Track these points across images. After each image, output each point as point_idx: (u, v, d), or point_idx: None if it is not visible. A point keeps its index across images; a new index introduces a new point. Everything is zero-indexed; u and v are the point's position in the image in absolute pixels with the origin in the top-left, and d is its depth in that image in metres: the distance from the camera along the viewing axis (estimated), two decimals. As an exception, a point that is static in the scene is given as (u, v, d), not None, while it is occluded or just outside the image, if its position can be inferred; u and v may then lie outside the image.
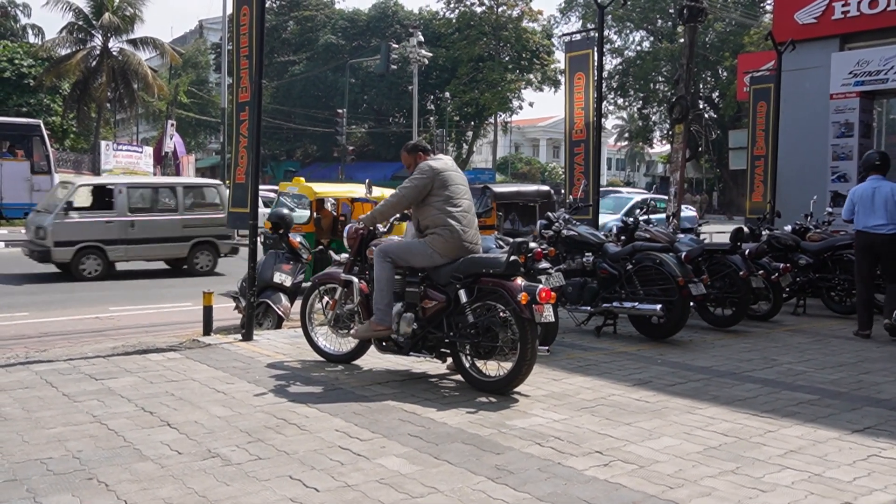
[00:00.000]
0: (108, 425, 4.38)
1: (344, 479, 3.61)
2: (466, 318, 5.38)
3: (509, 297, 5.20)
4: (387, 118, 58.44)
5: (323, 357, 6.24)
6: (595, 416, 4.77)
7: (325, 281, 6.32)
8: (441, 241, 5.48)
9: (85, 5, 38.59)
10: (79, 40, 39.45)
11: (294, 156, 61.75)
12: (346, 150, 33.95)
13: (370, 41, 54.51)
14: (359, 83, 54.45)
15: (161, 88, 41.14)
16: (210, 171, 61.02)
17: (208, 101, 55.79)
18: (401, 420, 4.59)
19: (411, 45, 30.69)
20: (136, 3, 38.84)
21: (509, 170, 64.92)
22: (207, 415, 4.64)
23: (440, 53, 51.27)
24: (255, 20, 7.15)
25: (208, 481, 3.57)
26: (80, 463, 3.77)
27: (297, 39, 57.77)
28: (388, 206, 5.78)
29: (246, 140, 7.21)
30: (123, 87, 39.11)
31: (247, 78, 7.23)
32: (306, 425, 4.45)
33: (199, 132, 61.05)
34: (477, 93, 53.57)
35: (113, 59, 38.74)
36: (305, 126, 54.73)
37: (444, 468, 3.80)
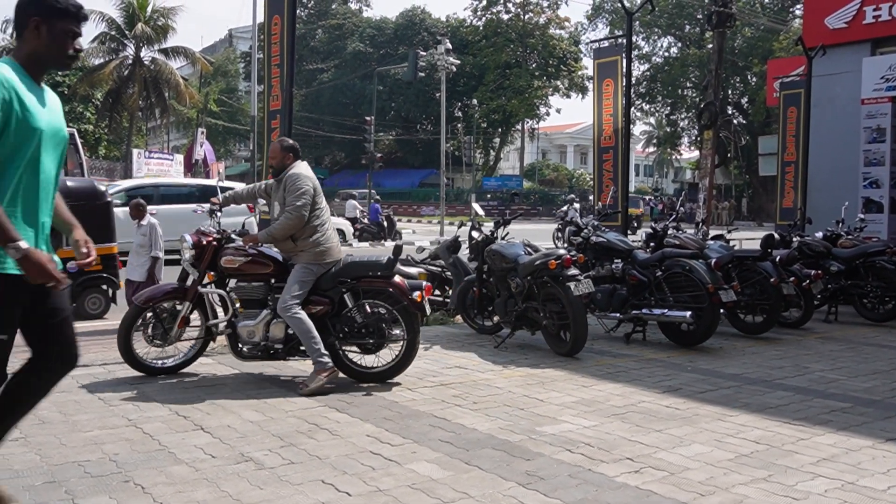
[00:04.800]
0: (143, 429, 4.46)
1: (375, 484, 3.65)
2: (354, 318, 5.73)
3: (399, 295, 5.69)
4: (414, 125, 58.66)
5: (147, 372, 5.76)
6: (625, 422, 4.77)
7: (158, 300, 5.76)
8: (320, 253, 5.62)
9: (118, 16, 39.23)
10: (112, 50, 40.10)
11: (322, 163, 62.15)
12: (374, 158, 34.08)
13: (398, 49, 54.76)
14: (386, 90, 54.73)
15: (192, 97, 41.67)
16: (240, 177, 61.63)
17: (238, 109, 56.37)
18: (431, 426, 4.62)
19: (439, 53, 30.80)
20: (167, 14, 39.42)
21: (536, 176, 64.88)
22: (240, 419, 4.70)
23: (467, 60, 51.42)
24: (286, 29, 7.26)
25: (242, 485, 3.62)
26: (117, 466, 3.85)
27: (325, 48, 58.22)
28: (289, 224, 5.54)
29: (277, 148, 7.29)
30: (155, 95, 39.69)
31: (278, 86, 7.33)
32: (337, 430, 4.49)
33: (229, 140, 61.70)
34: (504, 99, 53.66)
35: (145, 69, 39.33)
36: (333, 133, 55.09)
37: (474, 474, 3.82)
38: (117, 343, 5.64)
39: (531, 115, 57.27)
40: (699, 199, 15.81)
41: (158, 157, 36.17)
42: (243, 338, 5.63)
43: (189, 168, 35.69)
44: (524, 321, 7.21)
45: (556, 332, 6.97)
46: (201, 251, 5.72)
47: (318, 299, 5.64)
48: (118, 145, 45.38)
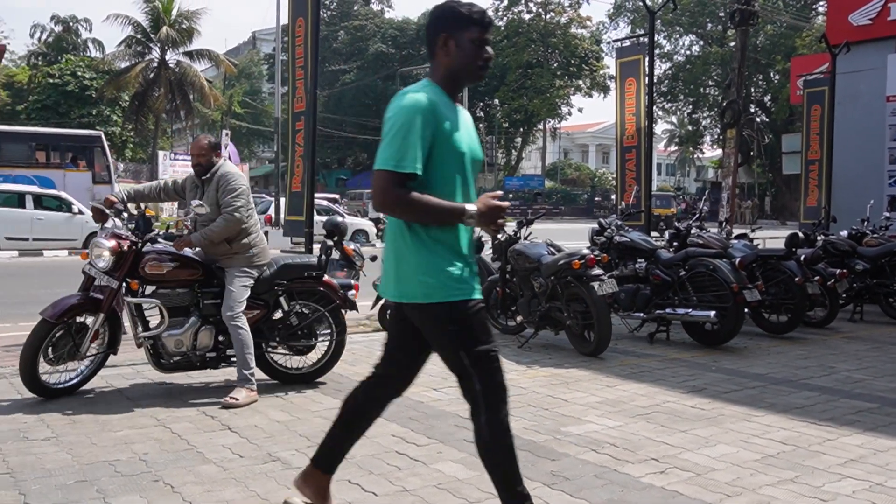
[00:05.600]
0: (171, 429, 4.52)
1: (402, 484, 3.68)
2: (289, 321, 5.67)
3: (331, 294, 5.72)
4: (436, 125, 58.63)
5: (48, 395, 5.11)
6: (650, 422, 4.77)
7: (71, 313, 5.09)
8: (255, 255, 5.43)
9: (143, 19, 39.65)
10: (137, 53, 40.52)
11: (345, 164, 62.39)
12: (396, 158, 34.18)
13: (420, 49, 54.81)
14: (408, 91, 54.77)
15: (216, 99, 42.00)
16: (264, 179, 62.09)
17: (261, 111, 56.72)
18: (456, 426, 4.64)
19: (460, 53, 30.75)
20: (192, 17, 39.76)
21: (559, 176, 64.73)
22: (267, 419, 4.75)
23: (488, 60, 51.31)
24: (310, 31, 7.31)
25: (269, 484, 3.66)
26: (147, 465, 3.91)
27: (347, 49, 58.41)
28: (229, 226, 5.27)
29: (301, 149, 7.37)
30: (180, 98, 40.05)
31: (302, 88, 7.39)
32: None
33: (253, 141, 62.08)
34: (525, 99, 53.58)
35: (170, 71, 39.69)
36: (356, 134, 55.26)
37: (499, 474, 3.83)
38: (21, 364, 4.93)
39: (553, 115, 57.14)
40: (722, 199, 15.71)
41: (184, 158, 36.44)
42: (169, 348, 5.20)
43: (213, 170, 35.94)
44: (548, 321, 7.22)
45: (579, 332, 6.97)
46: (119, 257, 5.13)
47: (253, 303, 5.41)
48: (144, 147, 45.84)
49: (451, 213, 2.75)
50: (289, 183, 7.60)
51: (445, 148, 2.78)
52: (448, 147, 2.78)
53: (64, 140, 24.17)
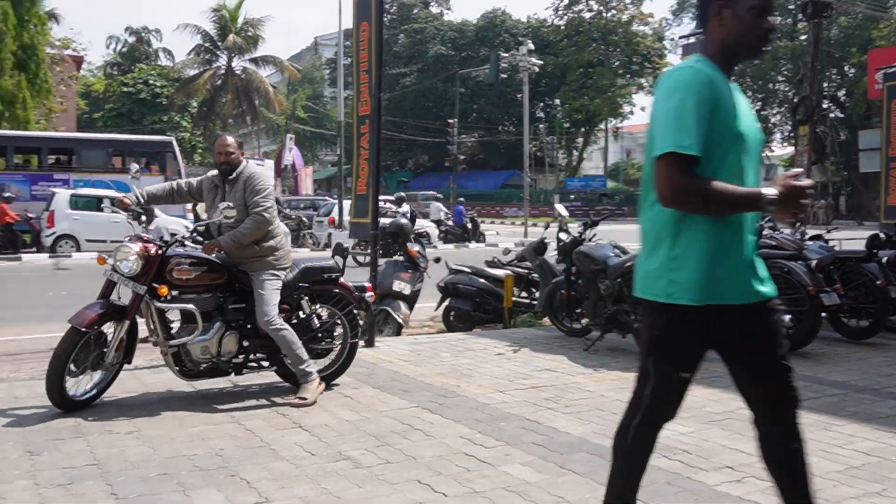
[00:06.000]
0: (245, 425, 4.60)
1: (471, 486, 3.66)
2: (310, 324, 5.57)
3: (348, 296, 5.67)
4: (496, 127, 58.68)
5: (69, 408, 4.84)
6: (724, 429, 4.65)
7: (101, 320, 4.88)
8: (280, 258, 5.32)
9: (211, 28, 40.65)
10: (205, 61, 41.55)
11: (406, 166, 62.79)
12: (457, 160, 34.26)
13: (479, 51, 54.89)
14: (468, 93, 54.91)
15: (280, 104, 42.79)
16: (326, 182, 62.90)
17: (324, 115, 57.49)
18: (524, 428, 4.61)
19: (521, 54, 30.71)
20: (257, 24, 40.56)
21: (621, 176, 64.02)
22: (336, 418, 4.79)
23: (549, 60, 51.12)
24: (373, 36, 7.35)
25: (341, 482, 3.69)
26: (223, 460, 3.98)
27: (407, 52, 58.79)
28: (258, 228, 5.16)
29: (366, 152, 7.41)
30: (246, 103, 40.92)
31: (367, 92, 7.43)
32: (431, 431, 4.53)
33: (315, 145, 62.96)
34: (587, 99, 53.14)
35: (236, 78, 40.59)
36: (416, 136, 55.59)
37: (569, 478, 3.79)
38: (50, 373, 4.70)
39: (615, 114, 56.56)
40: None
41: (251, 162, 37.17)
42: (195, 355, 5.04)
43: (278, 173, 36.57)
44: (614, 324, 7.12)
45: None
46: (147, 262, 4.92)
47: (280, 307, 5.27)
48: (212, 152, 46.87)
49: (748, 200, 2.43)
50: (354, 186, 7.66)
51: (724, 128, 2.45)
52: (727, 127, 2.46)
53: (138, 146, 24.84)
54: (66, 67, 36.91)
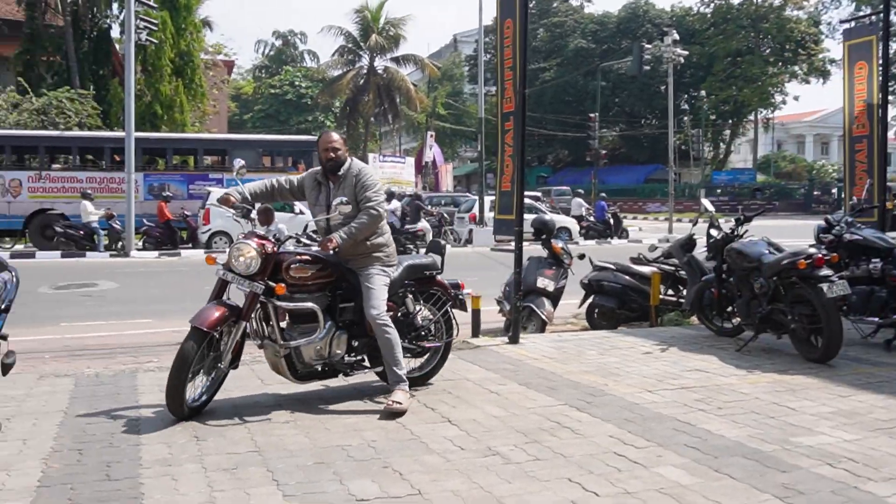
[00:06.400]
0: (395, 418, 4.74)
1: (623, 486, 3.63)
2: (414, 322, 5.47)
3: (447, 296, 5.58)
4: (638, 120, 57.41)
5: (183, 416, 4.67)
6: (893, 438, 4.39)
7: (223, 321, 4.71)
8: (389, 255, 5.22)
9: (354, 30, 41.87)
10: (349, 61, 42.87)
11: (545, 161, 62.46)
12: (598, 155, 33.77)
13: (620, 43, 53.88)
14: (609, 86, 54.00)
15: (421, 101, 43.52)
16: (466, 178, 63.48)
17: (463, 112, 58.02)
18: (675, 430, 4.51)
19: (665, 45, 29.92)
20: (398, 24, 41.43)
21: (771, 169, 61.15)
22: (484, 414, 4.86)
23: (694, 50, 49.53)
24: (518, 33, 7.37)
25: (491, 478, 3.74)
26: (376, 452, 4.12)
27: (546, 46, 58.46)
28: (373, 223, 5.06)
29: (511, 149, 7.45)
30: (388, 102, 41.92)
31: (511, 89, 7.46)
32: (580, 429, 4.52)
33: (455, 141, 63.65)
34: (735, 89, 51.09)
35: (378, 77, 41.65)
36: (556, 132, 55.19)
37: (725, 482, 3.69)
38: (173, 377, 4.54)
39: (765, 105, 54.09)
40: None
41: (392, 160, 38.04)
42: (308, 356, 4.92)
43: (419, 170, 37.24)
44: (769, 324, 6.84)
45: (805, 337, 6.54)
46: (264, 260, 4.80)
47: (389, 305, 5.16)
48: (354, 150, 48.27)
49: None
50: (498, 182, 7.72)
51: None
52: None
53: (286, 146, 25.92)
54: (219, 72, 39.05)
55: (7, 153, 22.13)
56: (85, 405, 5.11)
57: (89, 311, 10.79)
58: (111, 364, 6.83)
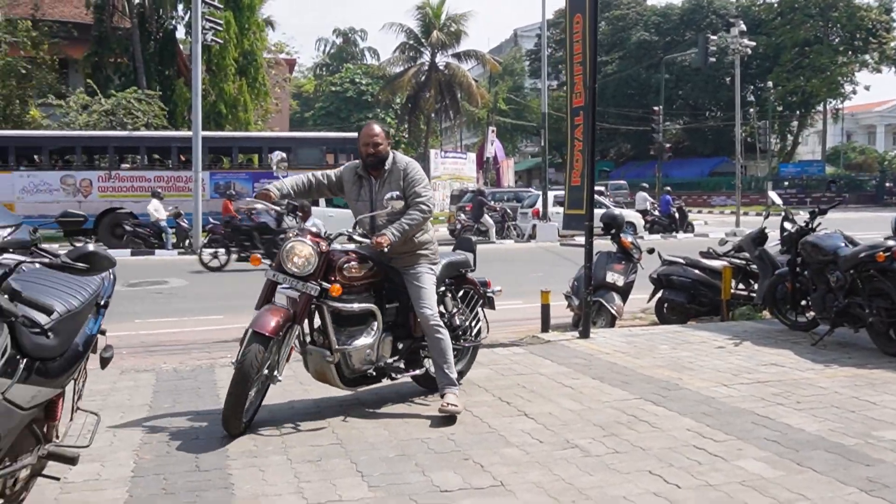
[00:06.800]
0: (472, 412, 4.80)
1: (704, 479, 3.63)
2: (453, 321, 5.29)
3: (478, 294, 5.49)
4: (702, 112, 56.42)
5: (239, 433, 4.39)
6: None
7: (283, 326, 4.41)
8: (434, 252, 5.03)
9: (415, 26, 42.07)
10: (410, 58, 43.09)
11: (607, 155, 61.86)
12: (662, 148, 33.33)
13: (684, 35, 53.02)
14: (673, 78, 53.19)
15: (483, 97, 43.51)
16: (527, 173, 63.30)
17: (524, 107, 57.85)
18: (754, 424, 4.48)
19: (731, 36, 29.33)
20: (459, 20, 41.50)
21: (841, 161, 59.49)
22: (559, 407, 4.88)
23: (760, 41, 48.40)
24: (588, 27, 7.35)
25: (571, 470, 3.77)
26: (455, 444, 4.19)
27: (608, 39, 57.84)
28: (423, 219, 4.84)
29: (580, 143, 7.44)
30: (449, 98, 42.04)
31: (581, 84, 7.45)
32: (657, 423, 4.51)
33: (516, 136, 63.51)
34: (803, 80, 49.84)
35: (439, 73, 41.80)
36: (618, 125, 54.61)
37: (808, 475, 3.66)
38: (234, 398, 4.25)
39: (834, 95, 52.59)
40: None
41: (453, 156, 38.16)
42: (359, 361, 4.67)
43: (480, 166, 37.27)
44: (846, 317, 6.70)
45: (884, 331, 6.40)
46: (319, 259, 4.55)
47: None
48: (416, 146, 48.60)
49: None
50: (567, 177, 7.72)
51: None
52: None
53: (348, 143, 26.21)
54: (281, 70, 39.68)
55: (78, 154, 22.88)
56: (168, 399, 5.30)
57: (161, 307, 11.11)
58: (186, 360, 7.03)
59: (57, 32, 29.90)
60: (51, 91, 28.85)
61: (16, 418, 2.55)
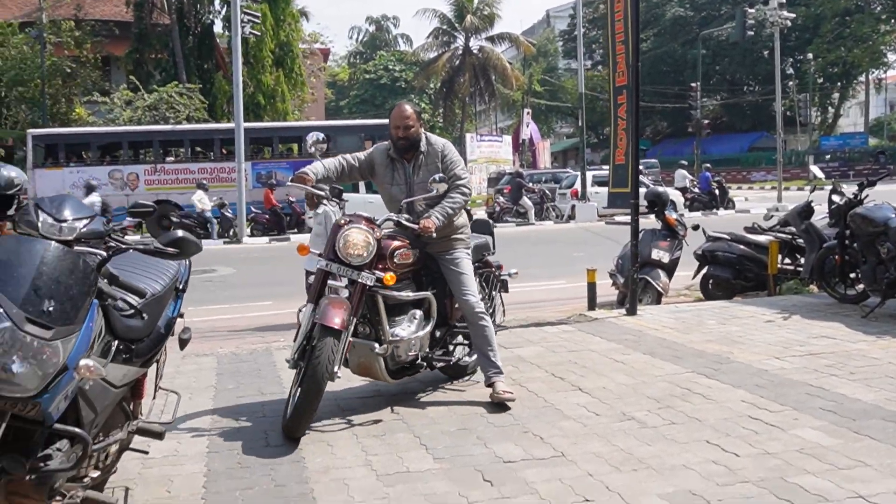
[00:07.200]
0: (527, 387, 4.91)
1: (762, 447, 3.70)
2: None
3: (496, 278, 5.41)
4: (740, 87, 55.59)
5: None
6: None
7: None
8: (469, 234, 4.93)
9: (448, 11, 42.04)
10: (444, 43, 43.08)
11: (644, 134, 61.22)
12: (700, 125, 32.97)
13: (720, 9, 52.20)
14: (710, 54, 52.43)
15: (517, 79, 43.38)
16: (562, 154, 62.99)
17: (558, 88, 57.49)
18: (808, 394, 4.52)
19: (770, 8, 28.88)
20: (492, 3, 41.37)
21: (885, 132, 58.25)
22: (613, 382, 4.97)
23: (799, 12, 47.41)
24: (630, 6, 7.37)
25: (630, 441, 3.87)
26: (514, 419, 4.30)
27: (643, 16, 56.56)
28: (464, 201, 4.72)
29: (624, 122, 7.48)
30: (483, 81, 41.99)
31: (623, 63, 7.49)
32: (711, 395, 4.58)
33: (551, 118, 63.16)
34: (844, 50, 48.78)
35: (473, 57, 41.79)
36: (654, 103, 54.04)
37: (866, 443, 3.71)
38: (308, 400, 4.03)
39: (876, 65, 51.38)
40: None
41: (489, 139, 38.18)
42: (405, 351, 4.51)
43: (516, 148, 37.24)
44: (896, 289, 6.68)
45: (937, 301, 6.38)
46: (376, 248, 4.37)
47: None
48: (450, 131, 48.65)
49: None
50: (612, 156, 7.77)
51: None
52: None
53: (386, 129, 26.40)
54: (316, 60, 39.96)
55: (124, 148, 23.34)
56: (232, 381, 5.49)
57: (212, 295, 11.35)
58: (241, 344, 7.24)
59: (99, 31, 30.53)
60: (95, 88, 29.46)
61: (110, 396, 2.72)
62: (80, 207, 2.71)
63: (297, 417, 4.04)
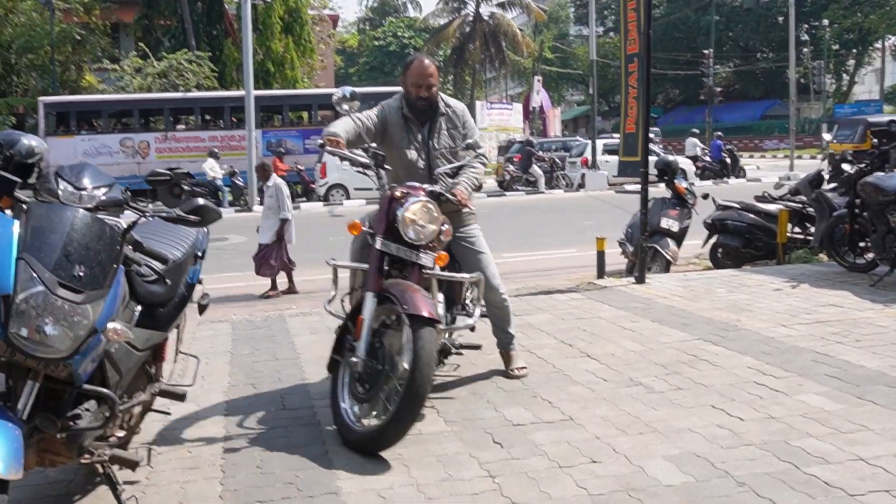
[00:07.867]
0: (536, 354, 5.00)
1: (766, 412, 3.78)
2: None
3: None
4: (753, 54, 55.02)
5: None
6: None
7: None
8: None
9: (459, -24, 41.64)
10: (454, 9, 42.74)
11: (655, 101, 60.80)
12: (713, 92, 32.72)
13: (735, -26, 51.53)
14: (723, 20, 51.86)
15: (528, 46, 43.09)
16: (573, 122, 62.67)
17: (570, 55, 57.04)
18: (813, 361, 4.59)
19: (784, -27, 28.55)
20: (502, -33, 40.96)
21: (900, 100, 57.61)
22: (621, 348, 5.05)
23: (815, -23, 46.93)
24: (641, -27, 7.35)
25: (637, 405, 3.96)
26: (523, 384, 4.40)
27: (656, -18, 56.50)
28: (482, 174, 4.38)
29: (635, 90, 7.49)
30: (494, 48, 41.71)
31: (635, 30, 7.48)
32: (717, 361, 4.66)
33: (562, 85, 62.75)
34: (860, 16, 48.09)
35: (484, 24, 41.46)
36: (666, 70, 53.57)
37: (869, 408, 3.78)
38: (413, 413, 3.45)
39: (894, 31, 50.71)
40: None
41: (499, 107, 38.01)
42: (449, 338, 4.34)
43: (527, 115, 37.08)
44: (906, 258, 6.72)
45: (945, 270, 6.41)
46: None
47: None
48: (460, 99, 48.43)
49: None
50: (623, 124, 7.80)
51: None
52: None
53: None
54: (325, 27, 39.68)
55: (136, 116, 23.36)
56: (247, 346, 5.61)
57: (225, 262, 11.47)
58: (254, 311, 7.35)
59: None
60: (104, 56, 29.38)
61: (133, 358, 2.82)
62: (99, 176, 2.78)
63: (397, 427, 3.41)
